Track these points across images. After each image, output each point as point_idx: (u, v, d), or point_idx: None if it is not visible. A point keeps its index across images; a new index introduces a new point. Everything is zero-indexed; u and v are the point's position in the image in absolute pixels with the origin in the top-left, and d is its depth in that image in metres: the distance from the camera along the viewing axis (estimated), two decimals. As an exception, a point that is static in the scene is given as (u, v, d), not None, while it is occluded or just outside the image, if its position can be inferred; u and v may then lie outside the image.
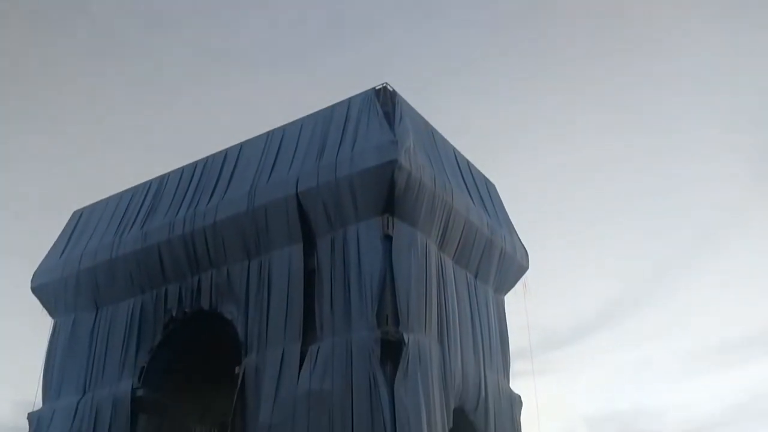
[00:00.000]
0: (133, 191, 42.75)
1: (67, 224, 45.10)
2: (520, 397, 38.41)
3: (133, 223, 40.35)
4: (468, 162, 40.08)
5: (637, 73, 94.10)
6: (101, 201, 44.48)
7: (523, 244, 41.51)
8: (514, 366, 39.36)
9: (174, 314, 37.33)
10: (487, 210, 38.95)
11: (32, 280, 43.18)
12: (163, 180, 41.50)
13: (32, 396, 40.83)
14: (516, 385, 38.78)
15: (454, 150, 39.02)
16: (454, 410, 31.93)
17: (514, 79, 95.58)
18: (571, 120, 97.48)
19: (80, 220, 44.35)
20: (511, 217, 42.20)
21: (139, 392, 36.38)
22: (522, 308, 39.97)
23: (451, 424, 30.96)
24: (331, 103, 36.30)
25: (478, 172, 41.15)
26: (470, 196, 37.56)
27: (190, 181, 39.47)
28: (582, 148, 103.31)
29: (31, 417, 40.07)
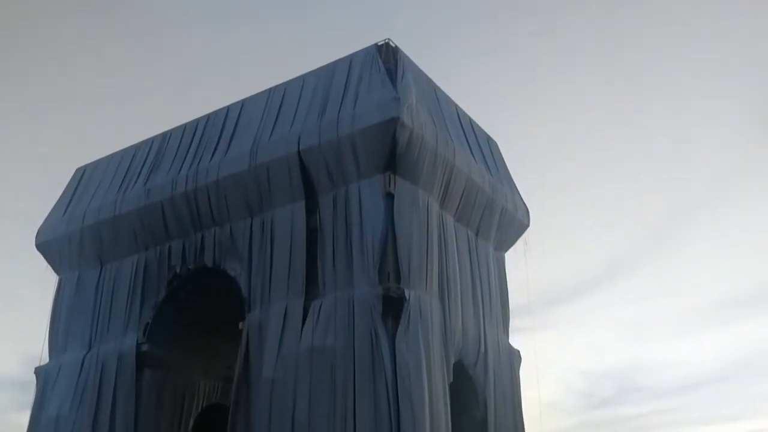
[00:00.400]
0: (136, 148, 42.77)
1: (70, 181, 45.23)
2: (519, 352, 38.95)
3: (136, 180, 40.48)
4: (470, 119, 39.97)
5: (644, 34, 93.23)
6: (104, 158, 44.53)
7: (524, 202, 41.63)
8: (514, 322, 39.88)
9: (178, 271, 37.68)
10: (488, 168, 38.97)
11: (36, 237, 43.48)
12: (165, 137, 41.48)
13: (39, 351, 41.54)
14: (515, 341, 39.34)
15: (457, 107, 38.89)
16: (454, 365, 32.43)
17: (519, 36, 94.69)
18: (572, 79, 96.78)
19: (83, 178, 44.47)
20: (512, 175, 42.25)
21: (144, 347, 36.95)
22: (522, 265, 40.28)
23: (451, 379, 31.48)
24: (333, 60, 36.07)
25: (480, 129, 41.05)
26: (472, 153, 37.55)
27: (192, 138, 39.47)
28: (584, 107, 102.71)
29: (38, 371, 40.78)
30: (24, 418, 40.20)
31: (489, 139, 41.87)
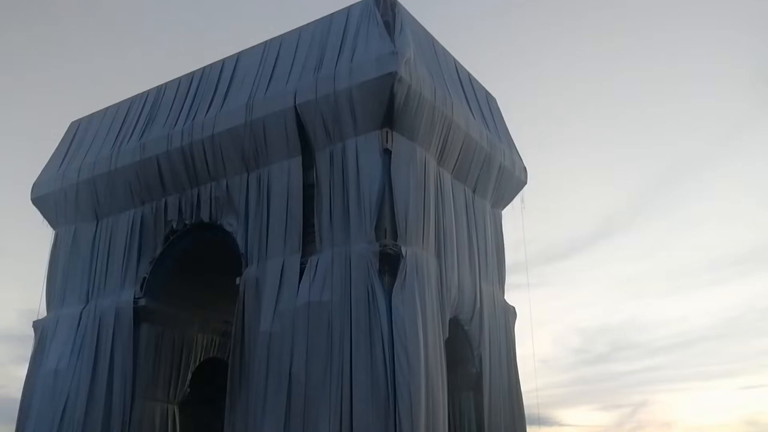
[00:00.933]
0: (131, 102, 42.33)
1: (65, 135, 44.88)
2: (514, 308, 39.21)
3: (131, 134, 40.14)
4: (469, 75, 39.52)
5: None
6: (98, 112, 44.10)
7: (521, 159, 41.44)
8: (510, 279, 40.04)
9: (174, 226, 37.63)
10: (487, 124, 38.67)
11: (32, 192, 43.30)
12: (160, 91, 41.02)
13: (37, 305, 41.71)
14: (511, 297, 39.56)
15: (455, 62, 38.41)
16: (450, 321, 32.64)
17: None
18: (573, 40, 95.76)
19: (78, 131, 44.11)
20: (510, 132, 41.97)
21: (141, 302, 37.10)
22: (519, 223, 40.28)
23: (446, 334, 31.69)
24: (329, 12, 35.45)
25: (479, 85, 40.63)
26: (470, 109, 37.22)
27: (188, 92, 39.04)
28: (584, 68, 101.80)
29: (36, 325, 41.02)
30: (23, 371, 40.61)
31: (488, 95, 41.48)
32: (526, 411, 37.60)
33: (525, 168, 41.41)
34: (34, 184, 43.44)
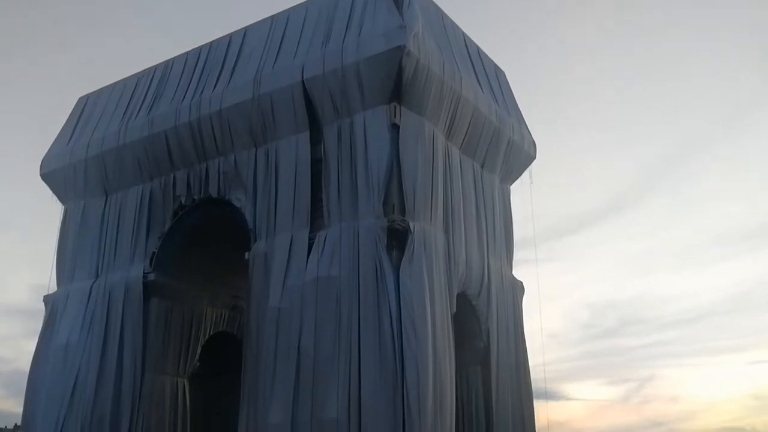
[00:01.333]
0: (138, 77, 42.22)
1: (73, 110, 44.85)
2: (522, 283, 39.19)
3: (139, 109, 40.10)
4: (478, 48, 39.17)
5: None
6: (106, 87, 44.02)
7: (530, 134, 41.17)
8: (519, 255, 39.96)
9: (183, 201, 37.69)
10: (495, 98, 38.40)
11: (41, 167, 43.40)
12: (168, 66, 40.87)
13: (47, 280, 41.99)
14: (519, 272, 39.52)
15: (464, 36, 38.05)
16: (458, 296, 32.70)
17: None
18: (583, 15, 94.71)
19: (86, 107, 44.08)
20: (519, 106, 41.67)
21: (151, 277, 37.29)
22: (527, 198, 40.14)
23: (454, 309, 31.78)
24: (337, -14, 35.05)
25: (488, 58, 40.27)
26: (479, 83, 36.94)
27: (195, 67, 38.88)
28: (594, 44, 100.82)
29: (46, 299, 41.34)
30: (33, 346, 40.95)
31: (497, 69, 41.13)
32: (534, 385, 37.83)
33: (534, 143, 41.17)
34: (42, 160, 43.53)
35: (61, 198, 42.99)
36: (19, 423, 31.34)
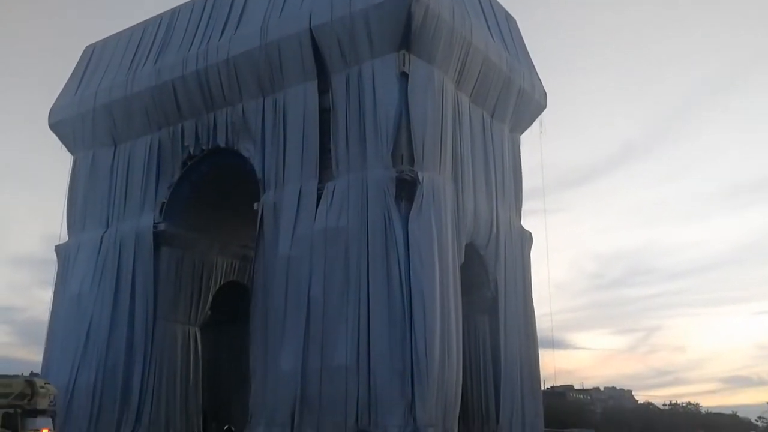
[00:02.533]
0: (145, 26, 41.81)
1: (80, 60, 44.59)
2: (530, 234, 39.23)
3: (146, 59, 39.82)
4: (489, -5, 38.45)
5: None
6: (113, 36, 43.66)
7: (541, 83, 40.71)
8: (528, 205, 40.01)
9: (191, 151, 37.71)
10: (506, 46, 37.86)
11: (49, 117, 43.39)
12: (174, 14, 40.42)
13: (58, 230, 42.35)
14: (528, 223, 39.55)
15: (475, -18, 37.31)
16: (466, 246, 32.80)
17: None
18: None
19: (93, 56, 43.79)
20: (531, 55, 41.10)
21: (161, 226, 37.55)
22: (537, 148, 39.94)
23: (462, 259, 31.92)
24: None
25: (499, 6, 39.60)
26: (490, 31, 36.39)
27: (201, 15, 38.43)
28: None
29: (58, 249, 41.78)
30: (46, 294, 41.66)
31: (508, 16, 40.45)
32: (541, 334, 38.24)
33: (545, 92, 40.74)
34: (51, 110, 43.48)
35: (70, 148, 43.06)
36: (35, 371, 31.98)
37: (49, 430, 26.07)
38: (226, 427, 11.57)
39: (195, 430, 37.49)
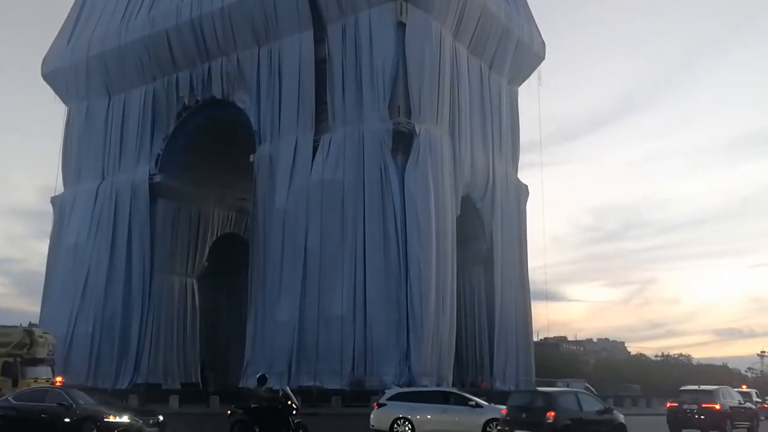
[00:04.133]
0: (138, -27, 40.97)
1: (73, 8, 43.81)
2: (527, 187, 39.24)
3: (140, 7, 39.15)
4: (487, -57, 37.68)
5: None
6: (105, -18, 42.83)
7: (540, 34, 40.22)
8: (525, 158, 40.00)
9: (186, 102, 37.42)
10: (505, -4, 37.28)
11: (42, 67, 42.84)
12: (166, -39, 39.60)
13: (53, 181, 42.21)
14: (525, 176, 39.58)
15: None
16: (462, 198, 32.85)
17: None
18: None
19: (86, 4, 42.98)
20: (529, 5, 40.48)
21: (157, 178, 37.45)
22: (535, 100, 39.71)
23: (458, 212, 31.99)
24: None
25: (498, -46, 38.86)
26: (488, -19, 35.79)
27: (195, -38, 37.65)
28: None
29: (54, 201, 41.71)
30: (43, 246, 41.74)
31: (506, -34, 39.72)
32: (535, 287, 38.58)
33: (543, 43, 40.29)
34: (43, 60, 42.91)
35: (64, 99, 42.63)
36: (33, 321, 32.14)
37: (49, 378, 26.39)
38: (260, 374, 11.90)
39: (193, 379, 38.01)
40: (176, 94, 37.59)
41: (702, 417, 17.33)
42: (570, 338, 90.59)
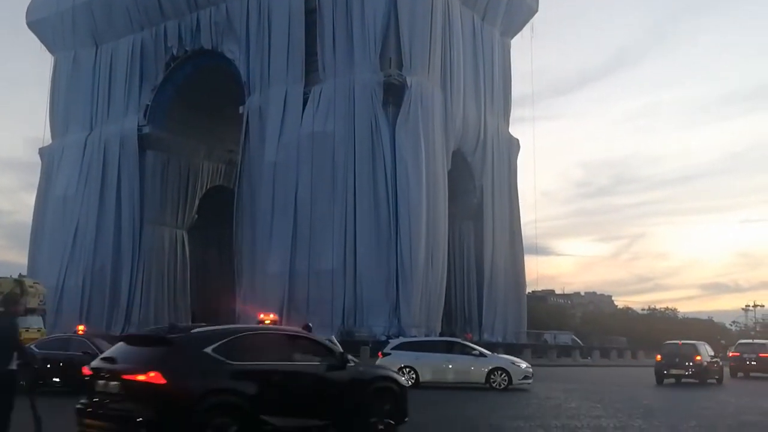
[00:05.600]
0: None
1: (57, -46, 42.81)
2: (518, 141, 39.15)
3: (126, -46, 38.30)
4: None
5: None
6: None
7: (534, -16, 39.63)
8: (517, 112, 39.91)
9: (175, 52, 36.93)
10: (498, -54, 36.65)
11: (27, 15, 42.09)
12: None
13: (41, 132, 41.77)
14: (516, 130, 39.45)
15: None
16: (453, 153, 32.78)
17: None
18: None
19: (70, -49, 42.03)
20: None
21: (145, 129, 37.16)
22: (527, 54, 39.31)
23: (449, 166, 31.96)
24: None
25: None
26: (482, -70, 35.13)
27: None
28: None
29: (42, 152, 41.37)
30: (32, 198, 41.38)
31: None
32: (525, 241, 38.74)
33: (537, -6, 39.74)
34: (28, 7, 42.12)
35: (50, 48, 41.95)
36: (22, 273, 32.18)
37: (41, 328, 26.53)
38: (305, 324, 12.00)
39: (184, 331, 38.25)
40: (165, 45, 37.08)
41: (756, 363, 23.48)
42: (558, 292, 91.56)
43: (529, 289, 40.34)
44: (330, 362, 7.10)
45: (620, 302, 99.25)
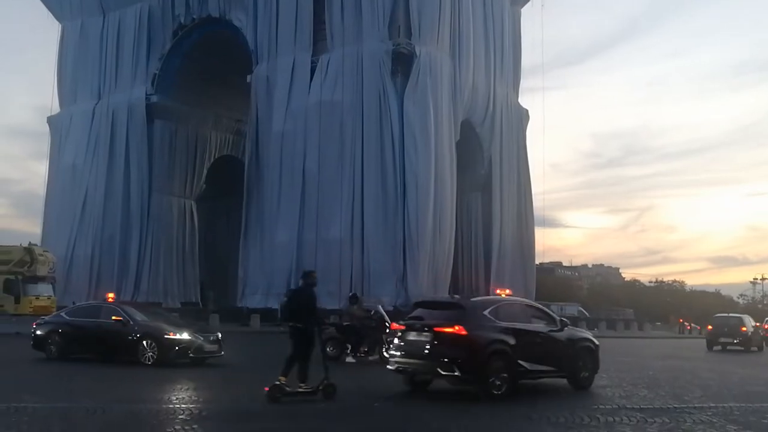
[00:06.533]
0: None
1: None
2: (527, 111, 38.83)
3: None
4: None
5: None
6: None
7: (544, -48, 39.03)
8: (526, 82, 39.43)
9: (182, 20, 36.72)
10: None
11: (33, -18, 41.79)
12: None
13: (49, 101, 41.68)
14: (526, 100, 39.06)
15: None
16: (462, 123, 32.58)
17: None
18: None
19: None
20: None
21: (153, 98, 37.07)
22: (538, 23, 38.88)
23: (458, 137, 31.79)
24: None
25: None
26: None
27: None
28: None
29: (50, 121, 41.33)
30: (42, 167, 41.55)
31: None
32: (534, 213, 38.59)
33: (547, -39, 39.17)
34: (34, -26, 41.82)
35: (57, 16, 41.70)
36: (33, 241, 32.42)
37: (50, 296, 26.80)
38: (351, 293, 12.14)
39: (193, 299, 38.56)
40: (172, 13, 36.85)
41: None
42: (565, 264, 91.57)
43: (536, 261, 40.27)
44: (553, 326, 9.98)
45: (628, 275, 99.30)
